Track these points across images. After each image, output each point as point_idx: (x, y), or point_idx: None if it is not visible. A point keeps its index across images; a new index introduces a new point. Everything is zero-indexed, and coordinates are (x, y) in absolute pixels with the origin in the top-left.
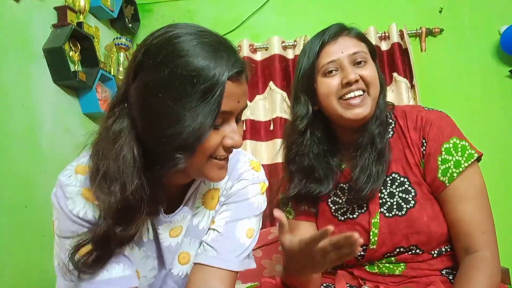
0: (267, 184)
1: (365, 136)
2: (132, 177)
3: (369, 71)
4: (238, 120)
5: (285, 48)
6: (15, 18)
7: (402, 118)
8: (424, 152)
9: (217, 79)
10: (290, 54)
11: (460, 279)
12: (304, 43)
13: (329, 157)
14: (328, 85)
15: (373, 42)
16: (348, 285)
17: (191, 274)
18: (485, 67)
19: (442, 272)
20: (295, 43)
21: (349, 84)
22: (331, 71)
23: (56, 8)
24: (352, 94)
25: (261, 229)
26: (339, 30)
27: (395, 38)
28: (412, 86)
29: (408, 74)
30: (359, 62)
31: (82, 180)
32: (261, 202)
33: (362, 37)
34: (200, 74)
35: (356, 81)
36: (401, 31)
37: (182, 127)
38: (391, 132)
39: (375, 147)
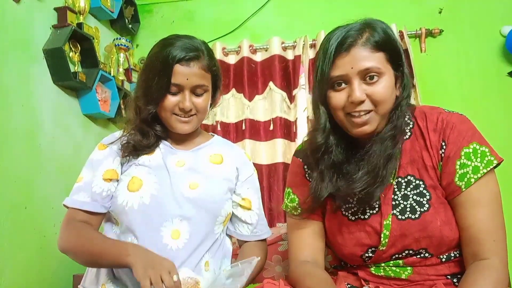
0: None
1: (376, 141)
2: (137, 115)
3: (380, 88)
4: (198, 94)
5: (285, 48)
6: (15, 19)
7: (421, 119)
8: (442, 155)
9: (168, 62)
10: (290, 55)
11: (464, 283)
12: (303, 44)
13: (353, 155)
14: (336, 99)
15: None
16: (349, 285)
17: (246, 248)
18: (485, 67)
19: (448, 277)
20: (295, 43)
21: (354, 103)
22: (340, 84)
23: (56, 9)
24: (357, 113)
25: None
26: (354, 38)
27: None
28: (413, 87)
29: (409, 74)
30: (371, 77)
31: (117, 133)
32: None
33: (380, 45)
34: (159, 60)
35: (362, 101)
36: (401, 31)
37: (151, 90)
38: (408, 133)
39: (384, 150)
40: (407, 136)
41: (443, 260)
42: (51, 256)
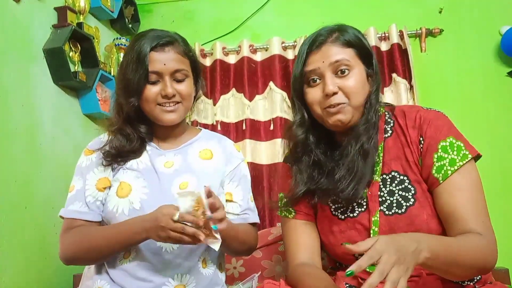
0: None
1: (351, 136)
2: (119, 115)
3: (351, 81)
4: (179, 79)
5: (285, 48)
6: (15, 19)
7: (401, 117)
8: (421, 150)
9: (142, 51)
10: (290, 55)
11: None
12: None
13: (333, 153)
14: (312, 94)
15: (373, 43)
16: (347, 285)
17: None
18: (485, 67)
19: None
20: (295, 43)
21: (327, 96)
22: (314, 80)
23: (56, 9)
24: (332, 107)
25: (261, 230)
26: (325, 37)
27: (395, 39)
28: (411, 87)
29: (408, 74)
30: (342, 71)
31: (102, 137)
32: (249, 175)
33: (350, 42)
34: (133, 52)
35: (335, 93)
36: (401, 31)
37: (130, 82)
38: (390, 131)
39: (361, 146)
40: (388, 134)
41: None
42: (51, 256)
